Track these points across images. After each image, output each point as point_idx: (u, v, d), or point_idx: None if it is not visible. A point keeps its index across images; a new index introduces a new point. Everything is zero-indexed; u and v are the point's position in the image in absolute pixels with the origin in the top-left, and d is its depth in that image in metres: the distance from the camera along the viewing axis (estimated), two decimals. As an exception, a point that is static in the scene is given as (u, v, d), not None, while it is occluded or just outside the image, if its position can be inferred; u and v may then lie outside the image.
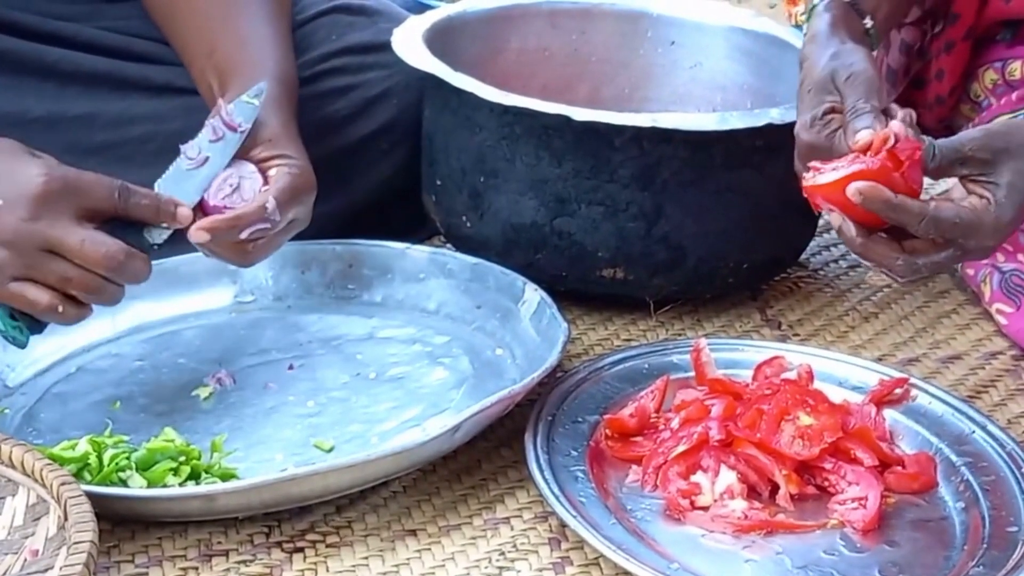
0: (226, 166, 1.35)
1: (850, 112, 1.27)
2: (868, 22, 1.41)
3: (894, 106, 1.29)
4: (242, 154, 1.37)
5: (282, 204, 1.34)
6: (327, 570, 1.20)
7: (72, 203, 1.26)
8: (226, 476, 1.24)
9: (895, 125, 1.24)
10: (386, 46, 1.59)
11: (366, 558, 1.22)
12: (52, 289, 1.26)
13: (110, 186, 1.28)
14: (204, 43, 1.50)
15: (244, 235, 1.32)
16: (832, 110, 1.29)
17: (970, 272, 1.61)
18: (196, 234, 1.31)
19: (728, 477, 1.26)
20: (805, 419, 1.28)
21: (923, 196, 1.24)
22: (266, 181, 1.36)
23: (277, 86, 1.43)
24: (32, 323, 1.30)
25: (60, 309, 1.27)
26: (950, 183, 1.29)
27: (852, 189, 1.21)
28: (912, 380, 1.40)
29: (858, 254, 1.28)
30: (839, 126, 1.28)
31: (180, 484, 1.22)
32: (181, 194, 1.32)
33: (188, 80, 1.57)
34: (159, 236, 1.31)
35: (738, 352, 1.45)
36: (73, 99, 1.57)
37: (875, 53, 1.41)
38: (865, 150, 1.23)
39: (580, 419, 1.34)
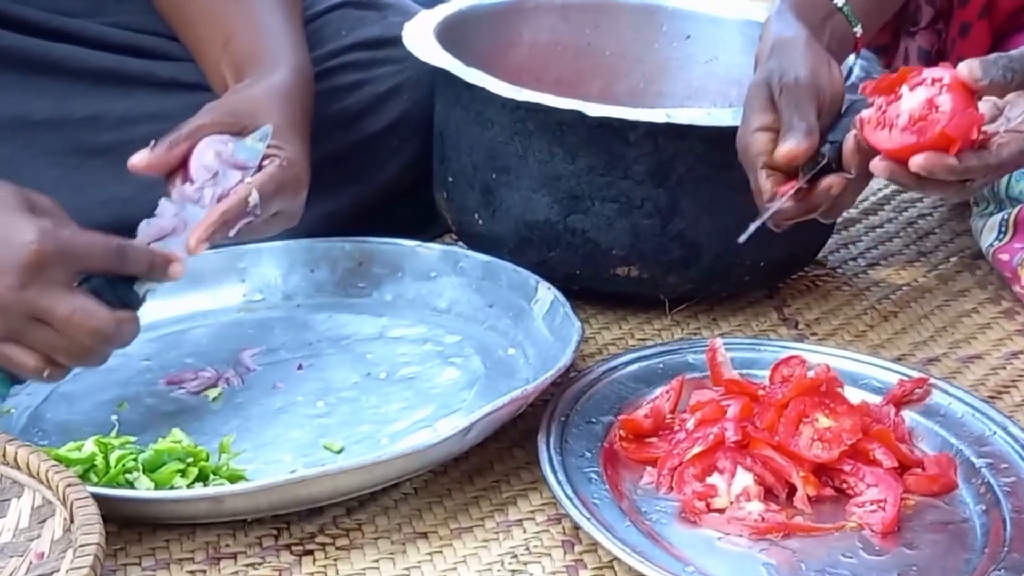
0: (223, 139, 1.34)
1: (784, 129, 1.30)
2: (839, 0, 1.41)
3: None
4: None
5: (265, 197, 1.33)
6: (337, 573, 1.20)
7: (65, 269, 1.22)
8: (234, 478, 1.23)
9: (962, 69, 1.21)
10: (396, 41, 1.59)
11: (376, 561, 1.21)
12: (39, 352, 1.23)
13: (105, 249, 1.24)
14: (218, 34, 1.50)
15: (232, 232, 1.31)
16: (766, 127, 1.32)
17: (1004, 257, 1.60)
18: (198, 248, 1.30)
19: (744, 479, 1.25)
20: (824, 421, 1.27)
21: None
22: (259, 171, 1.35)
23: (291, 77, 1.43)
24: (12, 375, 1.27)
25: (46, 373, 1.25)
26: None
27: (915, 166, 1.21)
28: (932, 380, 1.39)
29: (914, 190, 1.29)
30: (762, 158, 1.31)
31: (188, 486, 1.21)
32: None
33: (194, 76, 1.56)
34: (151, 289, 1.29)
35: (754, 352, 1.43)
36: (78, 98, 1.57)
37: (856, 31, 1.40)
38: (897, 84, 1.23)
39: (594, 420, 1.33)
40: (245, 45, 1.48)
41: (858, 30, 1.41)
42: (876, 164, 1.24)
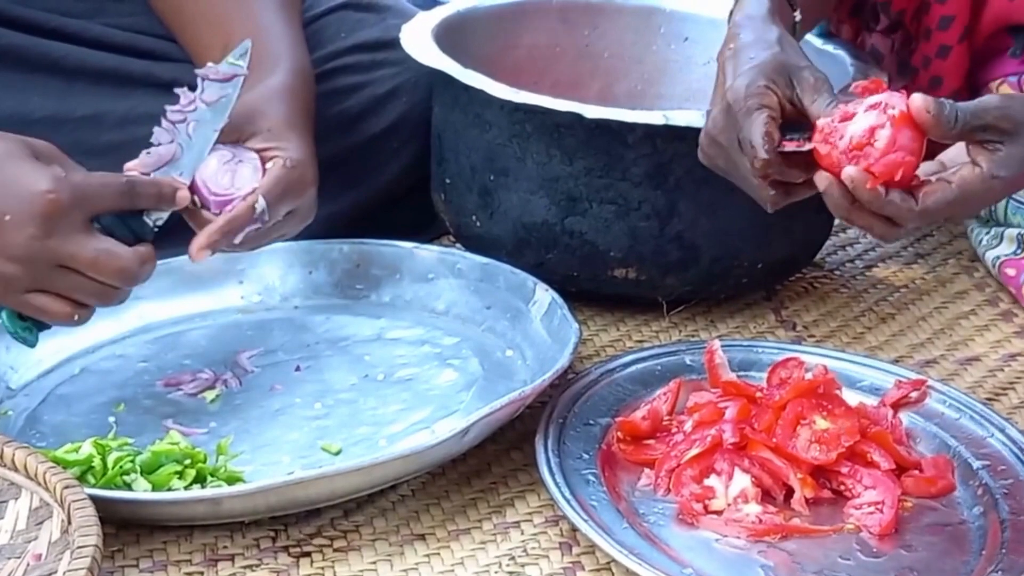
0: (226, 150, 1.34)
1: (812, 95, 1.26)
2: (798, 15, 1.40)
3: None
4: (241, 143, 1.36)
5: (272, 201, 1.33)
6: (335, 575, 1.19)
7: (82, 213, 1.24)
8: (232, 479, 1.23)
9: (916, 100, 1.21)
10: (395, 43, 1.59)
11: (374, 563, 1.21)
12: (65, 298, 1.26)
13: (117, 187, 1.27)
14: (217, 37, 1.50)
15: (238, 240, 1.32)
16: (771, 89, 1.27)
17: (1010, 272, 1.60)
18: (199, 255, 1.31)
19: (742, 481, 1.25)
20: (821, 423, 1.26)
21: None
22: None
23: (290, 77, 1.43)
24: (40, 322, 1.30)
25: (76, 317, 1.27)
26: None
27: (846, 174, 1.21)
28: (930, 382, 1.38)
29: (842, 217, 1.27)
30: (769, 105, 1.26)
31: (185, 487, 1.21)
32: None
33: (194, 77, 1.55)
34: (159, 218, 1.31)
35: (752, 353, 1.43)
36: (79, 97, 1.57)
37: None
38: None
39: (592, 422, 1.32)
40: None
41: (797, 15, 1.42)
42: (819, 177, 1.24)
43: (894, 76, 1.66)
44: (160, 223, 1.30)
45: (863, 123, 1.22)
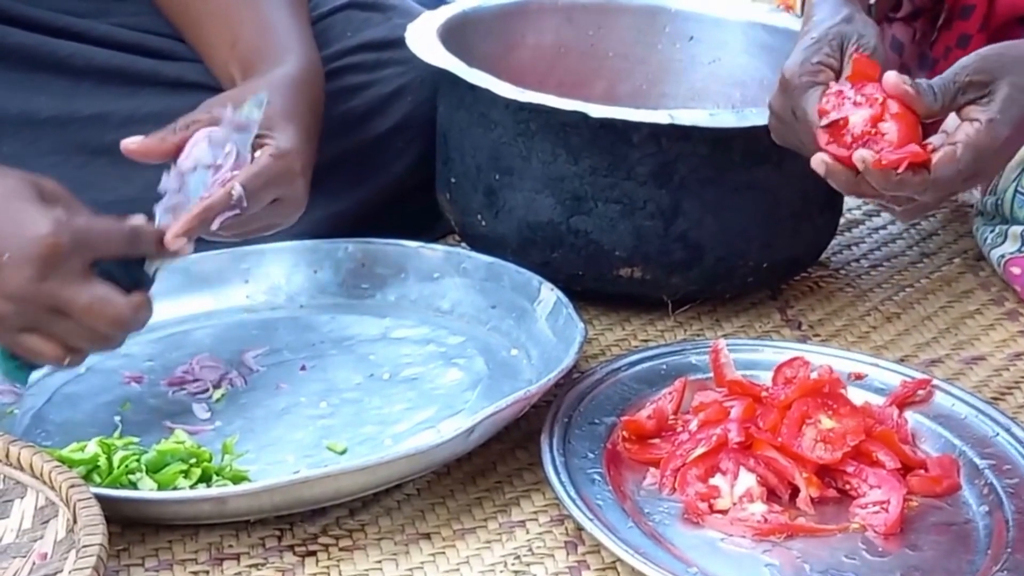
0: (220, 133, 1.34)
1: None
2: None
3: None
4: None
5: (253, 189, 1.32)
6: (340, 574, 1.19)
7: (82, 258, 1.22)
8: (237, 478, 1.23)
9: (889, 78, 1.24)
10: (400, 42, 1.58)
11: (379, 562, 1.21)
12: (58, 342, 1.25)
13: (119, 233, 1.25)
14: (225, 34, 1.50)
15: (215, 226, 1.30)
16: (828, 65, 1.30)
17: (1015, 271, 1.60)
18: (175, 243, 1.28)
19: (747, 480, 1.25)
20: (827, 422, 1.26)
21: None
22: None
23: (295, 70, 1.42)
24: (31, 362, 1.28)
25: (66, 361, 1.26)
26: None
27: (857, 156, 1.22)
28: (935, 382, 1.38)
29: (851, 193, 1.29)
30: (824, 82, 1.29)
31: (191, 487, 1.21)
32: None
33: (200, 76, 1.56)
34: (160, 267, 1.29)
35: (758, 353, 1.43)
36: (85, 96, 1.57)
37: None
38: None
39: (597, 421, 1.32)
40: (252, 43, 1.48)
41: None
42: (815, 160, 1.26)
43: (915, 68, 1.65)
44: (159, 272, 1.29)
45: (861, 114, 1.23)
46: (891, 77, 1.24)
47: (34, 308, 1.22)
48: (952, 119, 1.27)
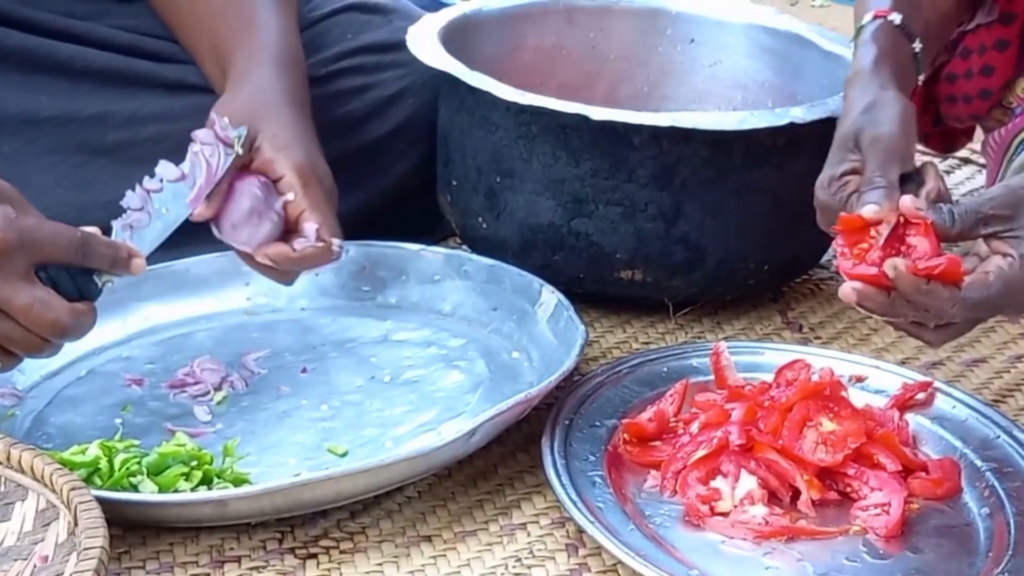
0: (259, 191, 1.35)
1: (865, 183, 1.25)
2: (917, 46, 1.37)
3: (928, 168, 1.27)
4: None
5: (333, 230, 1.38)
6: (341, 576, 1.19)
7: (26, 259, 1.19)
8: (238, 481, 1.23)
9: (904, 202, 1.21)
10: (401, 45, 1.59)
11: (380, 564, 1.21)
12: None
13: (69, 241, 1.22)
14: (208, 38, 1.50)
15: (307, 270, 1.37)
16: (852, 171, 1.27)
17: None
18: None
19: (748, 482, 1.25)
20: (828, 425, 1.26)
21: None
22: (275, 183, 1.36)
23: (276, 80, 1.42)
24: None
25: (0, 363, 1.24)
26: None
27: (888, 264, 1.19)
28: (936, 384, 1.38)
29: (885, 314, 1.24)
30: (855, 189, 1.26)
31: (192, 489, 1.21)
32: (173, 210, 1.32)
33: (199, 78, 1.57)
34: (110, 280, 1.27)
35: (759, 355, 1.43)
36: (85, 97, 1.57)
37: (920, 77, 1.39)
38: (869, 225, 1.22)
39: (598, 423, 1.32)
40: (228, 43, 1.48)
41: (920, 78, 1.40)
42: (845, 290, 1.22)
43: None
44: (109, 285, 1.26)
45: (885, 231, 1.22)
46: (907, 201, 1.21)
47: None
48: (980, 246, 1.25)
